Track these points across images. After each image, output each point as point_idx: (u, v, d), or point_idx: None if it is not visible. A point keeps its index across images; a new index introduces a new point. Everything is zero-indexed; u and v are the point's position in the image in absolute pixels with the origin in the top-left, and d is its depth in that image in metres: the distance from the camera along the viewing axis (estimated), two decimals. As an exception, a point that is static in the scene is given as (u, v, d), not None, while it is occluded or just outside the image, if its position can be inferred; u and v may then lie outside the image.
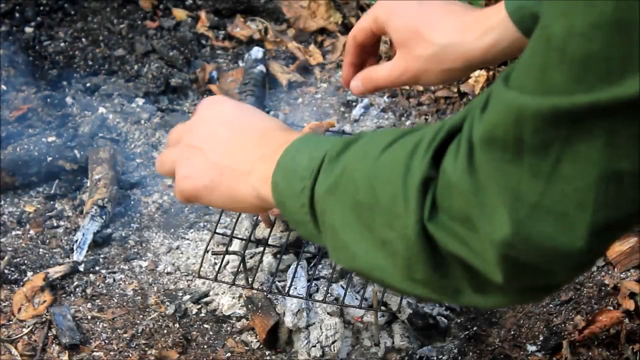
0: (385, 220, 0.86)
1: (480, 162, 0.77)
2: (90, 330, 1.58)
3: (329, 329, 1.53)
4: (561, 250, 0.75)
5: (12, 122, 1.93)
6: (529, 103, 0.72)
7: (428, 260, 0.83)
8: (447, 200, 0.80)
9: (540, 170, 0.74)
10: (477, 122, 0.78)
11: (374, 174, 0.88)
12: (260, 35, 2.23)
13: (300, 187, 0.96)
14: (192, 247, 1.75)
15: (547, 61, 0.71)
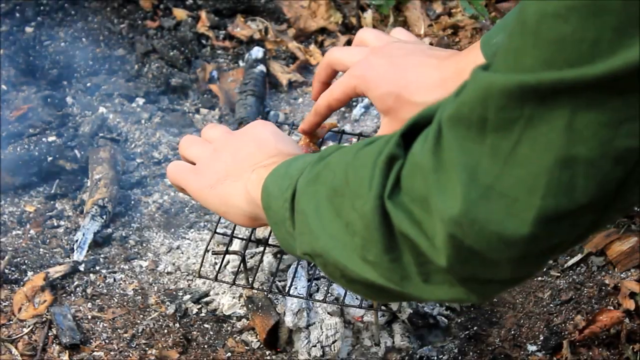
0: (351, 202, 0.87)
1: (446, 141, 0.77)
2: (90, 330, 1.58)
3: (329, 329, 1.53)
4: (505, 236, 0.75)
5: (12, 122, 1.93)
6: (497, 80, 0.72)
7: (382, 239, 0.83)
8: (409, 180, 0.80)
9: (500, 150, 0.73)
10: (449, 104, 0.78)
11: (351, 162, 0.89)
12: (260, 35, 2.23)
13: (286, 185, 0.99)
14: (192, 247, 1.75)
15: (522, 43, 0.71)
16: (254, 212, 1.12)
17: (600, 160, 0.71)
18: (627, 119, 0.69)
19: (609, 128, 0.70)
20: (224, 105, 2.05)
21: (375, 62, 1.33)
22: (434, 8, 2.25)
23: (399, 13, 2.26)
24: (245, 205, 1.12)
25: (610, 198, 0.73)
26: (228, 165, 1.19)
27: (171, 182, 1.34)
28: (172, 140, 1.97)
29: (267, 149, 1.19)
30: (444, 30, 2.18)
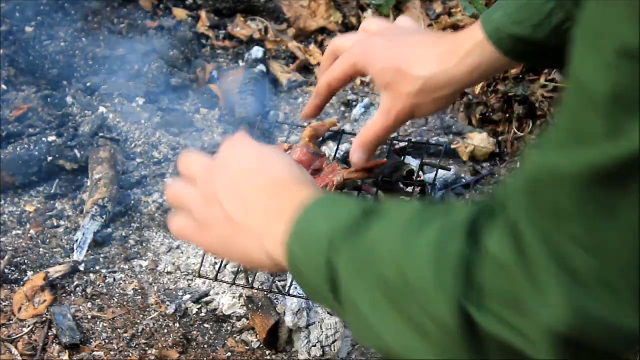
0: (417, 303, 0.81)
1: (528, 238, 0.71)
2: (90, 330, 1.58)
3: (329, 329, 1.53)
4: (624, 326, 0.71)
5: (12, 122, 1.93)
6: (562, 163, 0.67)
7: (464, 342, 0.77)
8: (493, 282, 0.75)
9: (589, 240, 0.68)
10: (515, 194, 0.73)
11: (404, 254, 0.83)
12: (260, 35, 2.23)
13: (320, 261, 0.91)
14: (192, 246, 1.75)
15: (576, 108, 0.67)
16: (279, 267, 1.04)
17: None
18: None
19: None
20: (224, 105, 2.05)
21: (375, 40, 1.34)
22: (434, 8, 2.25)
23: (399, 13, 2.26)
24: (267, 263, 1.04)
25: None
26: (228, 216, 1.07)
27: (177, 237, 1.26)
28: (172, 140, 1.97)
29: (260, 186, 1.07)
30: (444, 30, 2.18)
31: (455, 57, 1.27)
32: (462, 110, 2.03)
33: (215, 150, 1.95)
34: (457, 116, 2.04)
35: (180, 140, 1.97)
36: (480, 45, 1.26)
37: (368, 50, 1.34)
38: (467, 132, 1.96)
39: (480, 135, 1.94)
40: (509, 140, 1.95)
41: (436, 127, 2.01)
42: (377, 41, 1.34)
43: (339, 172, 1.52)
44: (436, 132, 2.00)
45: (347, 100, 2.07)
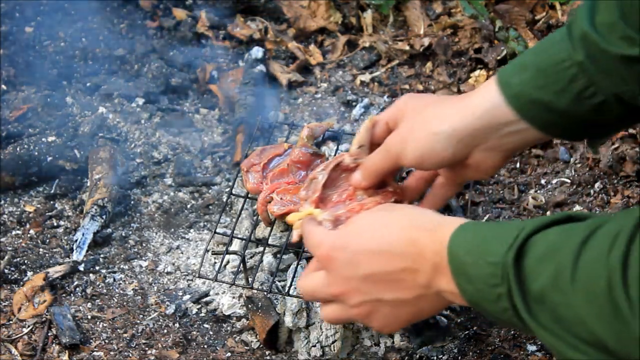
0: (625, 357, 0.88)
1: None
2: (90, 330, 1.58)
3: (329, 329, 1.53)
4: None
5: (12, 122, 1.93)
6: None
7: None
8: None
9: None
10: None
11: (580, 312, 0.89)
12: (260, 35, 2.23)
13: (495, 294, 0.98)
14: (192, 247, 1.75)
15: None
16: (461, 303, 1.11)
17: None
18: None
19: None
20: (223, 105, 2.05)
21: (417, 131, 1.30)
22: (433, 8, 2.25)
23: (398, 13, 2.26)
24: (451, 303, 1.11)
25: None
26: (392, 299, 1.12)
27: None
28: (172, 140, 1.97)
29: (395, 252, 1.11)
30: (444, 30, 2.18)
31: (470, 114, 1.25)
32: (461, 110, 2.03)
33: (215, 150, 1.95)
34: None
35: (180, 140, 1.97)
36: (494, 107, 1.22)
37: (417, 148, 1.29)
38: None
39: (480, 135, 1.94)
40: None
41: (436, 127, 2.01)
42: (420, 132, 1.29)
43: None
44: (436, 132, 2.00)
45: (346, 100, 2.07)
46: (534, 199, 1.81)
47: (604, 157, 1.83)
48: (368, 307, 1.14)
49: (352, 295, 1.14)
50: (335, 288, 1.15)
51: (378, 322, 1.15)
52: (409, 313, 1.13)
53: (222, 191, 1.85)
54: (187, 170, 1.89)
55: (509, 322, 0.99)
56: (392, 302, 1.12)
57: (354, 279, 1.13)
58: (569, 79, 1.16)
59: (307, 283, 1.21)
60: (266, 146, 1.63)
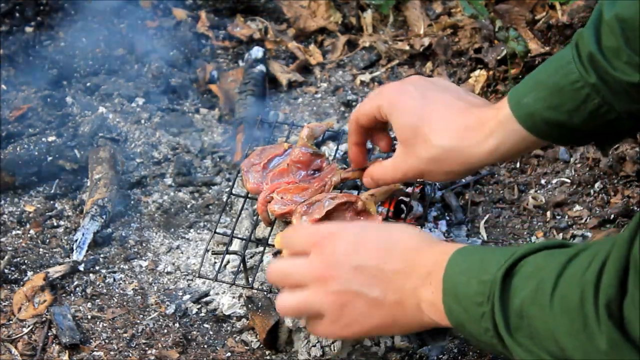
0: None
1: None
2: (90, 330, 1.58)
3: (329, 329, 1.53)
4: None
5: (12, 122, 1.93)
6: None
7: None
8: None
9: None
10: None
11: (553, 326, 0.91)
12: (260, 35, 2.23)
13: (479, 313, 0.99)
14: (192, 246, 1.75)
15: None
16: (438, 324, 1.10)
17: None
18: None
19: None
20: (223, 105, 2.05)
21: (408, 89, 1.32)
22: (433, 8, 2.25)
23: (398, 13, 2.26)
24: (428, 326, 1.10)
25: None
26: (373, 295, 1.11)
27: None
28: (172, 140, 1.97)
29: (393, 260, 1.11)
30: (444, 30, 2.18)
31: (477, 135, 1.25)
32: (461, 110, 2.03)
33: (215, 150, 1.95)
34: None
35: (180, 140, 1.97)
36: (505, 124, 1.23)
37: (394, 97, 1.32)
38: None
39: (480, 135, 1.94)
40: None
41: (436, 127, 2.01)
42: (409, 90, 1.32)
43: (337, 172, 1.52)
44: (436, 132, 2.00)
45: (346, 100, 2.07)
46: (534, 198, 1.81)
47: (603, 158, 1.83)
48: (345, 297, 1.11)
49: (334, 281, 1.12)
50: (319, 271, 1.13)
51: (346, 317, 1.12)
52: (380, 318, 1.11)
53: (222, 191, 1.86)
54: (187, 170, 1.89)
55: (490, 344, 0.99)
56: (370, 300, 1.11)
57: (344, 265, 1.12)
58: (582, 99, 1.17)
59: (282, 264, 1.19)
60: (266, 146, 1.63)
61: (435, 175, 1.31)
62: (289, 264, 1.18)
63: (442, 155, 1.27)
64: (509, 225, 1.78)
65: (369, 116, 1.36)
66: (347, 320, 1.13)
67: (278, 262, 1.21)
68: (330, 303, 1.13)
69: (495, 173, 1.89)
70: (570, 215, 1.78)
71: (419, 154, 1.29)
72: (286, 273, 1.18)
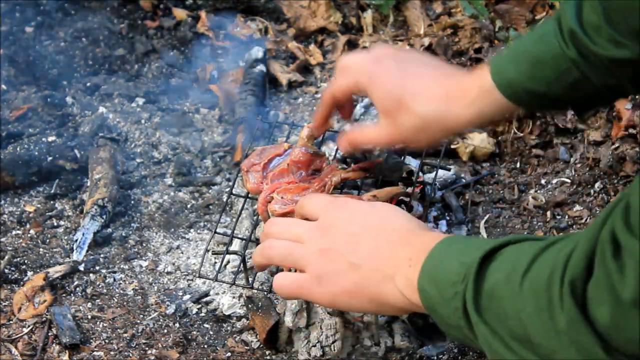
0: (546, 352, 0.90)
1: (637, 319, 0.81)
2: (90, 330, 1.58)
3: (329, 329, 1.53)
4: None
5: (12, 122, 1.93)
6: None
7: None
8: (614, 341, 0.84)
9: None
10: (617, 274, 0.81)
11: (520, 305, 0.92)
12: (260, 35, 2.23)
13: (451, 293, 0.99)
14: (192, 246, 1.75)
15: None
16: (409, 308, 1.12)
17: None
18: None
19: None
20: (224, 105, 2.05)
21: (385, 62, 1.34)
22: (433, 8, 2.25)
23: (398, 13, 2.26)
24: (400, 304, 1.11)
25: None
26: (353, 260, 1.14)
27: (287, 297, 1.30)
28: (172, 140, 1.97)
29: (384, 235, 1.15)
30: (444, 30, 2.18)
31: (458, 101, 1.27)
32: (462, 110, 2.03)
33: (215, 150, 1.95)
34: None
35: (180, 140, 1.97)
36: (487, 94, 1.25)
37: (373, 71, 1.34)
38: (466, 132, 1.96)
39: (480, 135, 1.94)
40: (509, 140, 1.95)
41: (436, 127, 2.01)
42: (387, 63, 1.34)
43: (336, 172, 1.52)
44: (436, 132, 2.00)
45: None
46: (534, 198, 1.81)
47: (604, 157, 1.83)
48: (329, 253, 1.15)
49: (327, 240, 1.16)
50: (320, 230, 1.19)
51: (324, 273, 1.15)
52: (353, 282, 1.13)
53: (222, 191, 1.86)
54: (187, 170, 1.89)
55: (456, 326, 1.00)
56: (349, 263, 1.13)
57: (340, 230, 1.17)
58: (562, 72, 1.20)
59: (286, 219, 1.26)
60: (266, 146, 1.63)
61: (418, 142, 1.34)
62: (292, 220, 1.25)
63: (426, 123, 1.30)
64: (509, 225, 1.78)
65: (346, 92, 1.40)
66: (324, 276, 1.15)
67: (282, 218, 1.27)
68: (316, 255, 1.17)
69: (495, 173, 1.89)
70: (570, 215, 1.78)
71: (403, 124, 1.31)
72: (287, 225, 1.24)
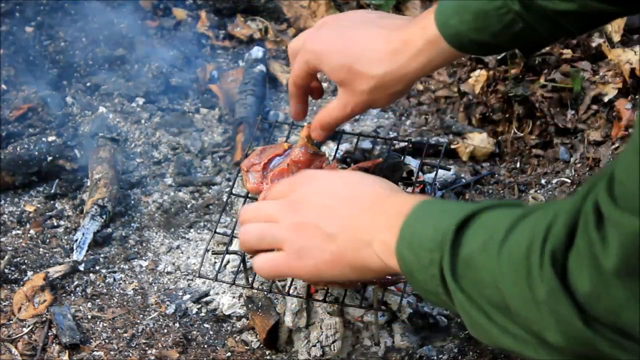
0: (523, 321, 0.89)
1: (619, 288, 0.80)
2: (90, 330, 1.58)
3: (329, 329, 1.53)
4: None
5: (12, 122, 1.93)
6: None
7: (579, 354, 0.86)
8: (594, 312, 0.83)
9: None
10: (599, 244, 0.81)
11: (497, 274, 0.91)
12: (260, 35, 2.23)
13: (428, 259, 0.98)
14: (192, 246, 1.75)
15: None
16: (387, 273, 1.12)
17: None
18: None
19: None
20: (223, 105, 2.05)
21: (325, 34, 1.38)
22: (433, 8, 2.25)
23: (398, 13, 2.26)
24: (379, 270, 1.11)
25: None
26: (329, 231, 1.13)
27: (268, 277, 1.30)
28: (172, 140, 1.97)
29: (357, 202, 1.13)
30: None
31: (406, 54, 1.31)
32: (462, 110, 2.03)
33: (215, 150, 1.95)
34: (457, 116, 2.04)
35: (180, 140, 1.97)
36: (433, 44, 1.29)
37: (317, 46, 1.38)
38: (466, 132, 1.96)
39: (480, 135, 1.94)
40: (509, 140, 1.95)
41: (436, 127, 2.01)
42: (327, 35, 1.38)
43: (337, 172, 1.52)
44: (436, 132, 2.00)
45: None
46: (534, 198, 1.81)
47: (603, 157, 1.83)
48: (304, 227, 1.14)
49: (299, 214, 1.16)
50: (290, 205, 1.17)
51: (301, 248, 1.14)
52: (331, 253, 1.12)
53: (222, 191, 1.86)
54: (187, 170, 1.89)
55: (434, 292, 0.99)
56: (325, 235, 1.12)
57: (312, 202, 1.16)
58: (506, 24, 1.23)
59: (256, 204, 1.25)
60: (266, 146, 1.63)
61: (380, 101, 1.37)
62: (262, 202, 1.25)
63: (380, 82, 1.33)
64: (509, 225, 1.78)
65: (302, 75, 1.44)
66: (302, 251, 1.15)
67: (254, 203, 1.27)
68: (291, 231, 1.16)
69: (495, 173, 1.89)
70: (570, 215, 1.78)
71: (359, 88, 1.35)
72: (258, 208, 1.23)
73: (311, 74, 1.43)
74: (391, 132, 2.00)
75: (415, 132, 2.00)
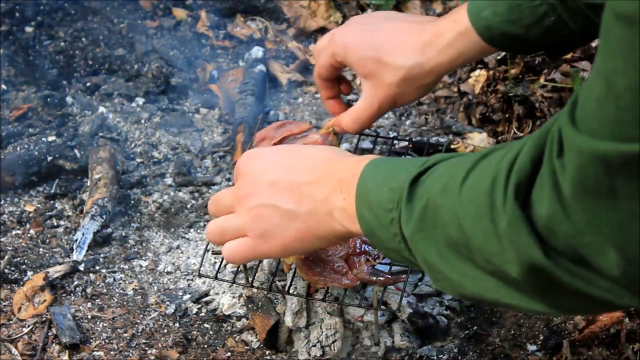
0: (484, 257, 0.88)
1: (577, 212, 0.79)
2: (90, 330, 1.58)
3: (329, 329, 1.53)
4: None
5: (12, 122, 1.93)
6: (610, 150, 0.74)
7: (538, 288, 0.86)
8: (553, 241, 0.82)
9: (636, 212, 0.76)
10: (560, 170, 0.79)
11: (459, 212, 0.90)
12: (260, 35, 2.23)
13: (388, 219, 0.98)
14: (192, 246, 1.75)
15: (614, 109, 0.73)
16: (351, 236, 1.12)
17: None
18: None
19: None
20: (223, 105, 2.05)
21: (354, 28, 1.38)
22: (433, 8, 2.25)
23: (398, 13, 2.27)
24: (344, 235, 1.11)
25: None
26: (287, 208, 1.13)
27: (240, 263, 1.30)
28: (172, 140, 1.97)
29: (305, 172, 1.13)
30: (444, 30, 2.18)
31: (436, 46, 1.31)
32: (462, 110, 2.03)
33: (215, 150, 1.95)
34: (457, 116, 2.04)
35: (180, 140, 1.97)
36: (465, 36, 1.29)
37: (346, 38, 1.37)
38: (467, 132, 1.96)
39: (479, 135, 1.94)
40: (509, 140, 1.95)
41: (436, 127, 2.01)
42: (355, 29, 1.38)
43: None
44: (436, 132, 2.00)
45: (347, 100, 2.07)
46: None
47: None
48: (261, 210, 1.14)
49: (252, 198, 1.15)
50: (239, 191, 1.17)
51: (265, 231, 1.14)
52: (295, 230, 1.13)
53: (222, 191, 1.85)
54: (187, 170, 1.89)
55: (397, 249, 0.99)
56: (284, 212, 1.12)
57: (260, 182, 1.15)
58: (540, 16, 1.23)
59: (216, 194, 1.24)
60: (288, 121, 1.61)
61: (408, 95, 1.36)
62: (220, 193, 1.24)
63: (408, 74, 1.32)
64: (509, 225, 1.78)
65: (327, 67, 1.42)
66: (266, 234, 1.15)
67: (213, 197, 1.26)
68: (249, 218, 1.16)
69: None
70: (570, 215, 1.78)
71: (387, 81, 1.34)
72: (217, 198, 1.23)
73: (336, 67, 1.42)
74: (391, 131, 2.00)
75: (415, 132, 2.00)
